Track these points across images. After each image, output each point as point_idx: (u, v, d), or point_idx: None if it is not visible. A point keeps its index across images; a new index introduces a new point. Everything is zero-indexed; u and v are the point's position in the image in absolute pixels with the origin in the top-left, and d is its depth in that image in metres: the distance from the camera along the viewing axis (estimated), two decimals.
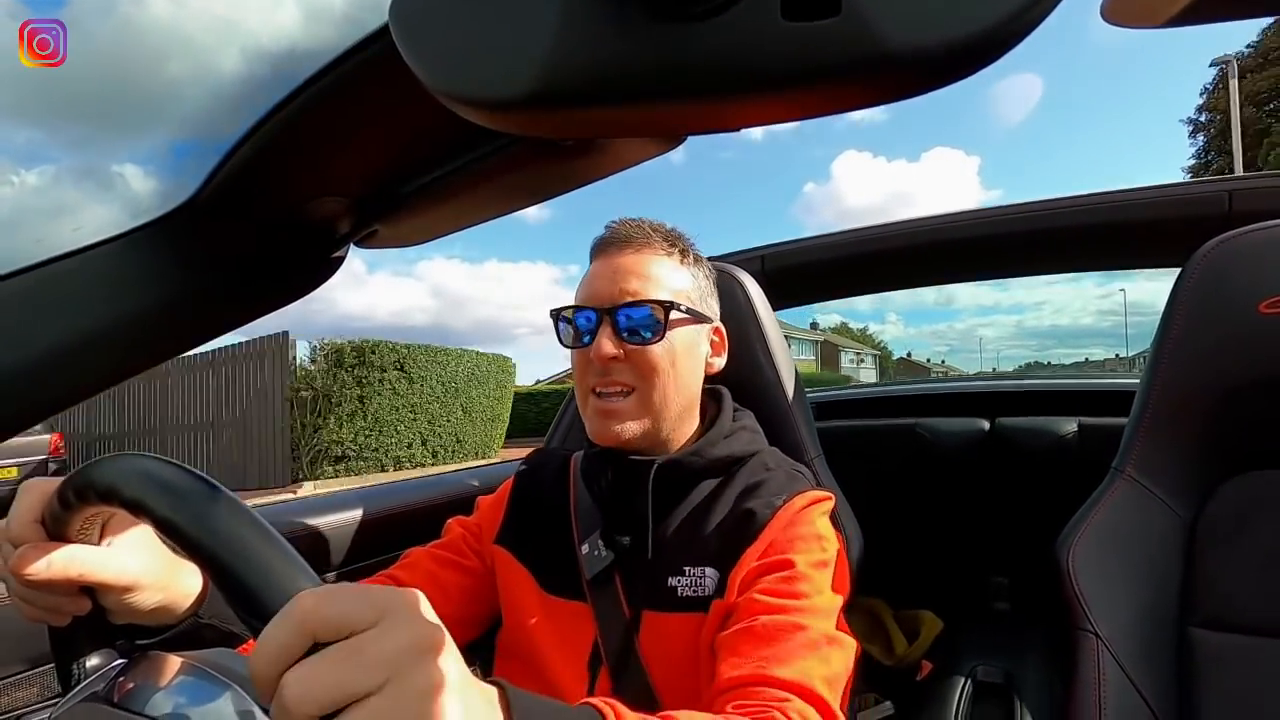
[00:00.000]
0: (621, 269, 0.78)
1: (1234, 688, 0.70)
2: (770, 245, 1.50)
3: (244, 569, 0.36)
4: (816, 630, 0.63)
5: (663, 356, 0.77)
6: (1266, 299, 0.74)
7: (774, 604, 0.65)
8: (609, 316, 0.76)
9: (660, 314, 0.76)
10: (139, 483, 0.40)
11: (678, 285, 0.80)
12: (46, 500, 0.47)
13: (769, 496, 0.75)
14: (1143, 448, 0.81)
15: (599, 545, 0.77)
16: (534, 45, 0.23)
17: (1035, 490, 1.38)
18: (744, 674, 0.60)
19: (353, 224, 0.57)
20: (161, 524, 0.39)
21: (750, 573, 0.69)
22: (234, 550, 0.36)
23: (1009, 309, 44.98)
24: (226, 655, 0.48)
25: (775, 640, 0.62)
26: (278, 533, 0.38)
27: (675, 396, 0.79)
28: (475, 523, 0.89)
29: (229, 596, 0.36)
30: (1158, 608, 0.75)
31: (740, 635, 0.63)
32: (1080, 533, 0.77)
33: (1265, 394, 0.75)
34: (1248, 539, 0.75)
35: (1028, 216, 1.25)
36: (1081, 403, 1.48)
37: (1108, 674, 0.69)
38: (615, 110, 0.24)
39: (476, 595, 0.84)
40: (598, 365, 0.76)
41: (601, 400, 0.77)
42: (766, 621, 0.63)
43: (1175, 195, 1.12)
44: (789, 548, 0.70)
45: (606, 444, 0.78)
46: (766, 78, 0.22)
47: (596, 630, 0.74)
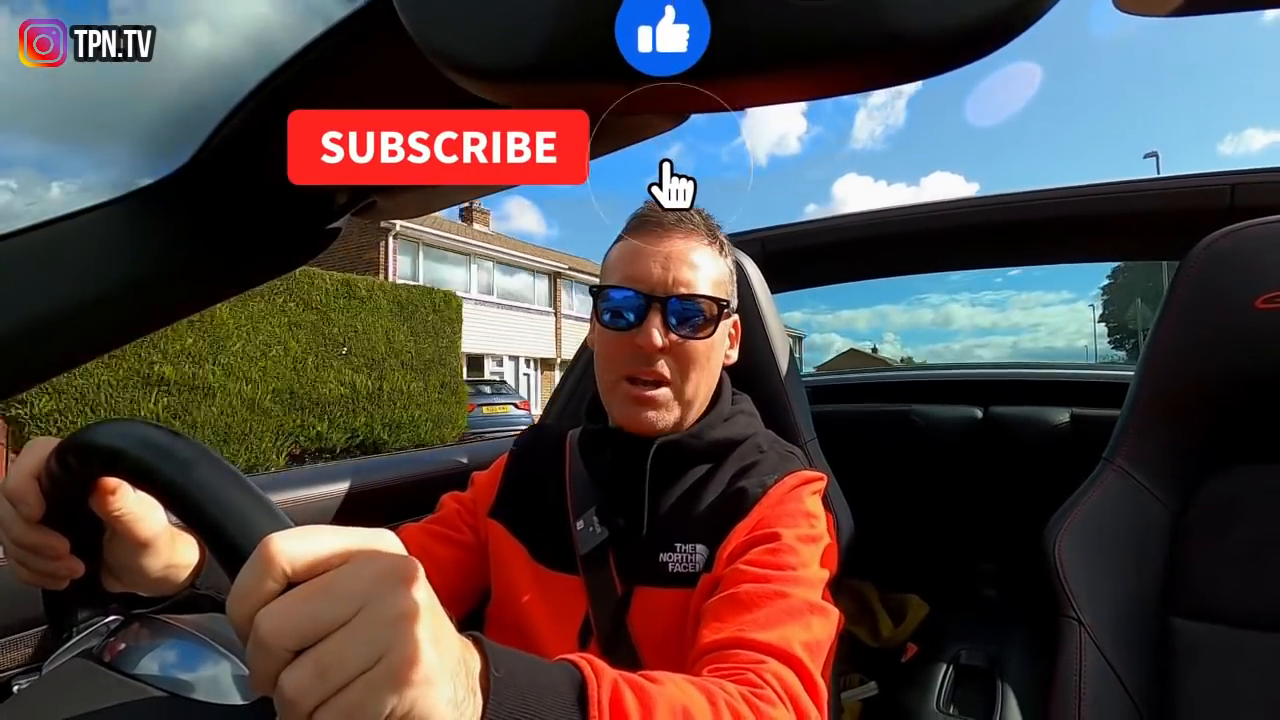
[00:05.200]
0: (674, 256, 0.76)
1: (1213, 677, 0.71)
2: (770, 228, 1.49)
3: (228, 524, 0.36)
4: (799, 597, 0.64)
5: (704, 352, 0.76)
6: (1264, 294, 0.74)
7: (758, 573, 0.65)
8: (660, 305, 0.75)
9: (713, 310, 0.76)
10: (141, 447, 0.40)
11: (719, 278, 0.79)
12: (46, 459, 0.47)
13: (760, 476, 0.75)
14: (1134, 439, 0.81)
15: (594, 522, 0.77)
16: (537, 17, 0.23)
17: (1026, 478, 1.39)
18: (722, 637, 0.60)
19: (350, 195, 0.56)
20: (163, 488, 0.39)
21: (738, 546, 0.69)
22: (219, 504, 0.36)
23: (1006, 330, 44.98)
24: (220, 621, 0.49)
25: (756, 606, 0.62)
26: (257, 487, 0.38)
27: (705, 390, 0.79)
28: (470, 497, 0.89)
29: (218, 553, 0.36)
30: (1142, 597, 0.76)
31: (722, 602, 0.64)
32: (1068, 522, 0.78)
33: (1257, 389, 0.76)
34: (1233, 532, 0.76)
35: (1030, 205, 1.25)
36: (1075, 393, 1.49)
37: (1089, 661, 0.70)
38: (618, 85, 0.24)
39: (470, 569, 0.85)
40: (643, 353, 0.75)
41: (637, 387, 0.76)
42: (750, 589, 0.63)
43: (1178, 187, 1.11)
44: (776, 522, 0.70)
45: (640, 432, 0.77)
46: (773, 58, 0.22)
47: (588, 604, 0.75)
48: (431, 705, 0.31)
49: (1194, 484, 0.79)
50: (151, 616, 0.49)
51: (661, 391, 0.76)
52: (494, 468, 0.91)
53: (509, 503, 0.85)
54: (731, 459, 0.79)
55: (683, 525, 0.75)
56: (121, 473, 0.41)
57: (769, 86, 0.23)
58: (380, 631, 0.30)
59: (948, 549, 1.65)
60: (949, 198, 1.39)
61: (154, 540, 0.52)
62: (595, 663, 0.46)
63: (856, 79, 0.22)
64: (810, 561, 0.69)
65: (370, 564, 0.32)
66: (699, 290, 0.75)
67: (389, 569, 0.32)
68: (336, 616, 0.30)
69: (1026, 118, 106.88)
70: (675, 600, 0.72)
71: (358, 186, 0.55)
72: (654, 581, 0.73)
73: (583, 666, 0.45)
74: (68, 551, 0.49)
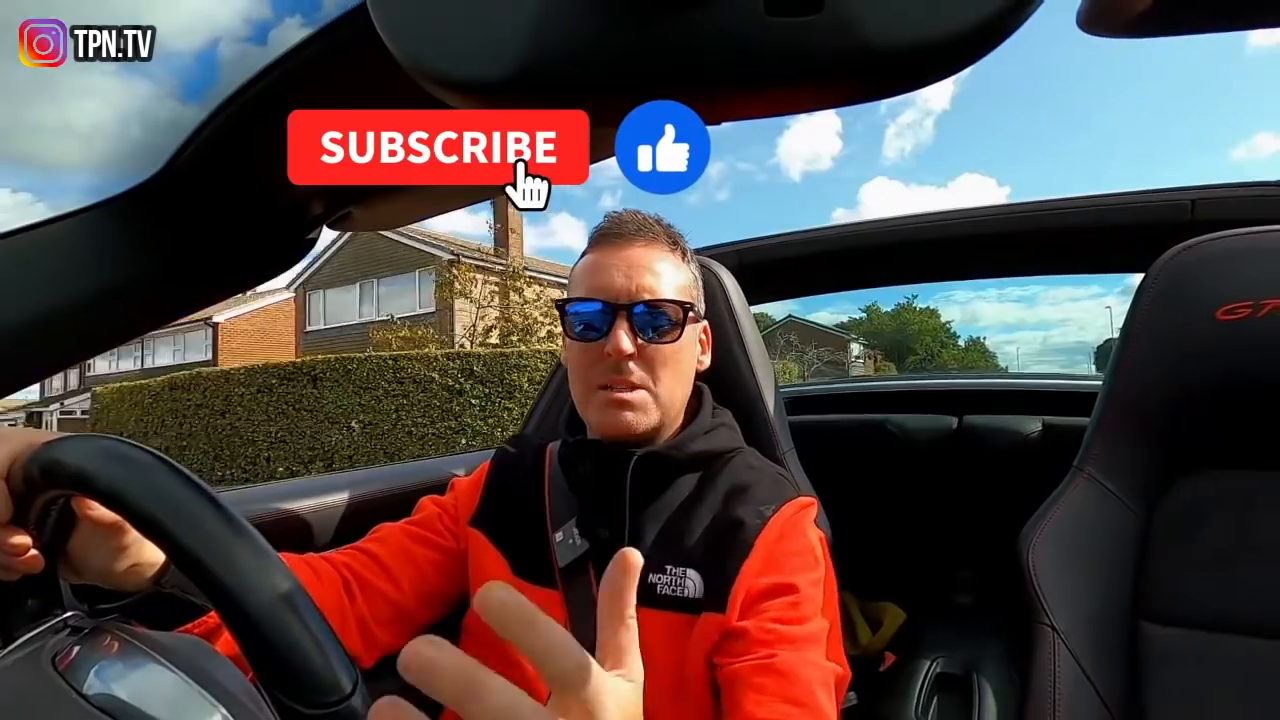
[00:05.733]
0: (635, 263, 0.77)
1: (1182, 680, 0.73)
2: (747, 240, 1.50)
3: (212, 561, 0.35)
4: (827, 667, 0.68)
5: (673, 356, 0.77)
6: (1224, 305, 0.76)
7: (785, 632, 0.67)
8: (626, 312, 0.75)
9: (678, 314, 0.76)
10: (112, 468, 0.38)
11: (683, 284, 0.80)
12: (12, 459, 0.44)
13: (757, 505, 0.75)
14: (1102, 447, 0.83)
15: (574, 535, 0.77)
16: (515, 30, 0.23)
17: (1000, 487, 1.41)
18: (770, 714, 0.63)
19: (326, 205, 0.56)
20: (140, 519, 0.37)
21: (752, 594, 0.70)
22: (207, 549, 0.35)
23: (1034, 326, 45.34)
24: (198, 647, 0.46)
25: (795, 679, 0.65)
26: (245, 522, 0.37)
27: (680, 394, 0.80)
28: (451, 503, 0.88)
29: (196, 583, 0.35)
30: (1113, 603, 0.77)
31: (759, 672, 0.66)
32: (1041, 529, 0.79)
33: (1219, 397, 0.78)
34: (1199, 537, 0.78)
35: (999, 219, 1.28)
36: (1046, 402, 1.52)
37: (1063, 667, 0.71)
38: (594, 98, 0.24)
39: (449, 573, 0.83)
40: (612, 361, 0.75)
41: (613, 392, 0.76)
42: (785, 659, 0.66)
43: (1140, 202, 1.15)
44: (788, 565, 0.71)
45: (617, 436, 0.77)
46: (747, 72, 0.22)
47: (567, 619, 0.74)
48: None
49: (1161, 491, 0.81)
50: (120, 628, 0.46)
51: (637, 394, 0.76)
52: (475, 476, 0.90)
53: (490, 512, 0.84)
54: (721, 476, 0.78)
55: (671, 547, 0.74)
56: (120, 513, 0.39)
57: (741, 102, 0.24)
58: None
59: (924, 557, 1.67)
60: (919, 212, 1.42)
61: (125, 538, 0.50)
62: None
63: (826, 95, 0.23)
64: (821, 604, 0.73)
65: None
66: (663, 295, 0.76)
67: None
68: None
69: (1056, 122, 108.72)
70: (662, 623, 0.71)
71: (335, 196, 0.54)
72: (639, 601, 0.73)
73: None
74: (31, 547, 0.46)
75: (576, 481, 0.81)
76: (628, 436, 0.77)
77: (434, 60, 0.24)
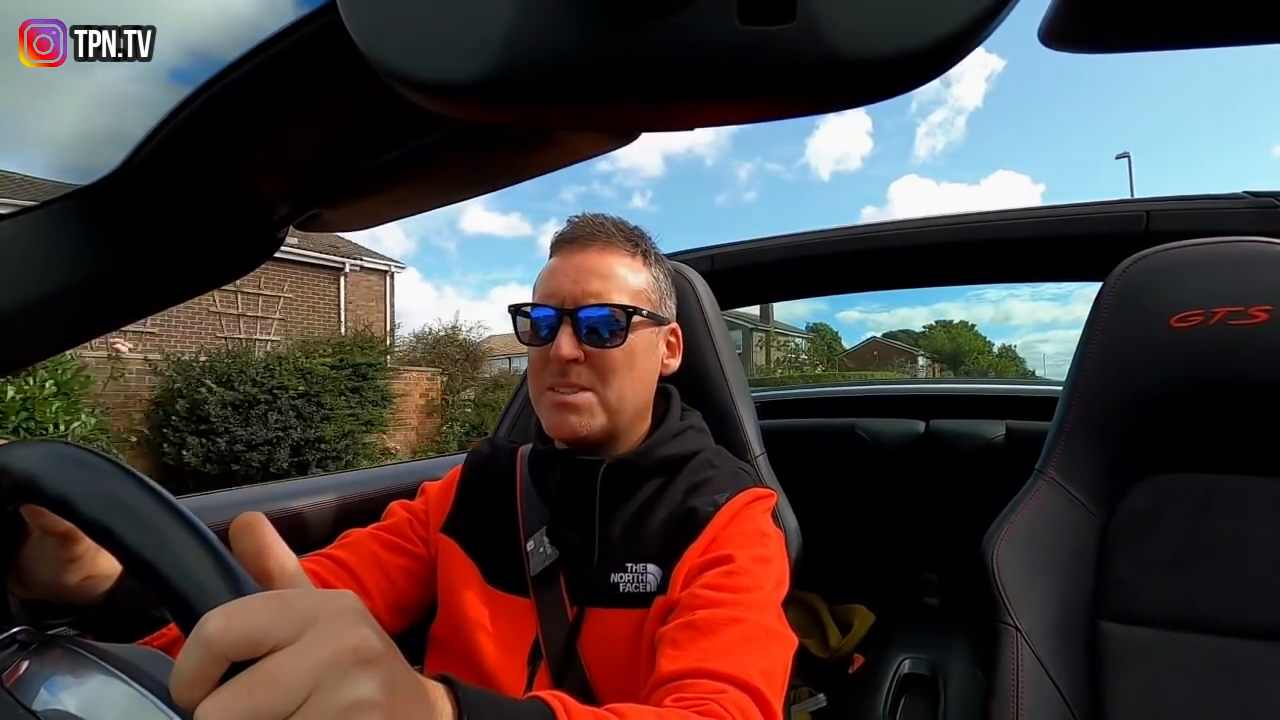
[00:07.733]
0: (584, 268, 0.77)
1: (1141, 679, 0.75)
2: (719, 245, 1.51)
3: (171, 572, 0.33)
4: (755, 624, 0.64)
5: (622, 359, 0.77)
6: (1177, 313, 0.79)
7: (714, 596, 0.65)
8: (570, 317, 0.75)
9: (622, 317, 0.76)
10: (61, 473, 0.37)
11: (639, 286, 0.80)
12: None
13: (712, 494, 0.75)
14: (1063, 451, 0.85)
15: (544, 543, 0.76)
16: (487, 31, 0.22)
17: (965, 489, 1.44)
18: (682, 666, 0.60)
19: (292, 206, 0.55)
20: (91, 526, 0.36)
21: (692, 567, 0.69)
22: (163, 555, 0.34)
23: (1068, 324, 46.01)
24: (152, 659, 0.44)
25: (714, 633, 0.62)
26: (205, 528, 0.36)
27: (632, 398, 0.79)
28: (421, 508, 0.87)
29: (159, 598, 0.34)
30: (1073, 603, 0.79)
31: (679, 629, 0.64)
32: (1004, 531, 0.81)
33: (1173, 402, 0.80)
34: (1154, 537, 0.80)
35: (964, 228, 1.30)
36: (1010, 407, 1.55)
37: (1025, 665, 0.73)
38: (566, 103, 0.24)
39: (419, 581, 0.82)
40: (556, 365, 0.75)
41: (559, 394, 0.76)
42: (706, 615, 0.63)
43: (1098, 213, 1.18)
44: (730, 543, 0.70)
45: (563, 438, 0.78)
46: (719, 80, 0.22)
47: (538, 626, 0.74)
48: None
49: (1119, 493, 0.84)
50: (71, 640, 0.44)
51: (582, 396, 0.76)
52: (446, 481, 0.89)
53: (462, 519, 0.83)
54: (682, 475, 0.79)
55: (633, 544, 0.74)
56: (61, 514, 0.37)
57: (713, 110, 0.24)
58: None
59: (892, 559, 1.69)
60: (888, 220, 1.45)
61: (78, 551, 0.48)
62: (567, 701, 0.46)
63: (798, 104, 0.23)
64: (764, 583, 0.69)
65: (322, 645, 0.29)
66: (611, 300, 0.76)
67: (343, 650, 0.29)
68: (279, 709, 0.27)
69: (1090, 117, 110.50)
70: (627, 621, 0.71)
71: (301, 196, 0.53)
72: (605, 602, 0.72)
73: (555, 707, 0.44)
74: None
75: (547, 491, 0.80)
76: (574, 439, 0.77)
77: (404, 61, 0.23)
